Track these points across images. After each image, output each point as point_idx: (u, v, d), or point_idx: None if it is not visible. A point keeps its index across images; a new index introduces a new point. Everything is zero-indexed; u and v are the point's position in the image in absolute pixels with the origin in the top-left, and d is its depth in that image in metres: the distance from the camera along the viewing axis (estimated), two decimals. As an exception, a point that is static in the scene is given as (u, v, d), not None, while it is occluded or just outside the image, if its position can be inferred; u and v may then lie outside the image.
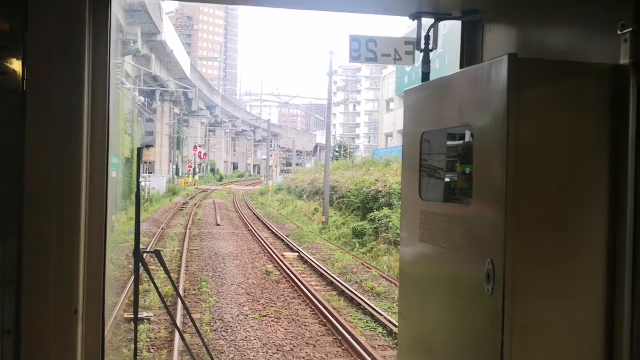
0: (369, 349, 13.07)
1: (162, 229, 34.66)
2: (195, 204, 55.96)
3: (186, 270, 22.26)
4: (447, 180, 4.73)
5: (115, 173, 25.33)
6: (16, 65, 4.00)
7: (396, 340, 13.38)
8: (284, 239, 32.37)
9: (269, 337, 14.61)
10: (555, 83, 3.63)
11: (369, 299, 18.12)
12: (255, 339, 14.41)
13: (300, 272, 22.75)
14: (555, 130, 3.60)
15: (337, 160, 70.76)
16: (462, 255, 3.97)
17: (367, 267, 23.95)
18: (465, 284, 3.92)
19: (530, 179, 3.50)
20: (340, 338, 14.35)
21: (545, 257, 3.56)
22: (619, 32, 3.51)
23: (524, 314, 3.48)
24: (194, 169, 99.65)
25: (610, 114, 3.57)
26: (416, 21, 5.32)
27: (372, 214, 30.45)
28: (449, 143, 4.79)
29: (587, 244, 3.61)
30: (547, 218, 3.58)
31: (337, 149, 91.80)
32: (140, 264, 5.07)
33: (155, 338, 14.26)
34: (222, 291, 19.35)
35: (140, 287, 15.37)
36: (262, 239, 31.54)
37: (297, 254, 27.04)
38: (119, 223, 25.33)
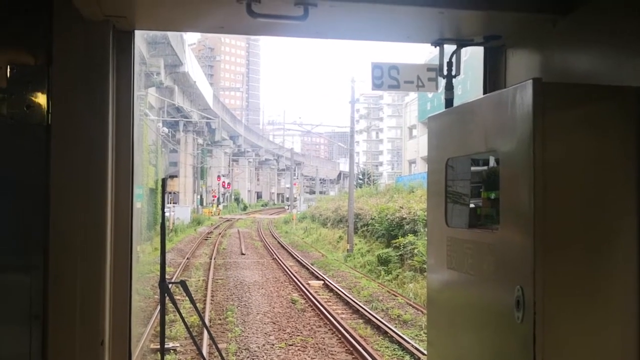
0: (397, 377, 12.94)
1: (187, 258, 34.68)
2: (220, 233, 56.00)
3: (211, 300, 22.22)
4: (472, 206, 4.69)
5: (140, 204, 25.40)
6: (41, 99, 4.04)
7: (424, 369, 13.22)
8: (308, 267, 32.24)
9: (295, 367, 14.53)
10: (581, 106, 3.60)
11: (396, 327, 17.96)
12: (281, 369, 14.35)
13: (326, 300, 22.63)
14: (582, 154, 3.56)
15: (360, 187, 70.63)
16: (491, 282, 3.92)
17: (393, 295, 23.75)
18: (495, 311, 3.86)
19: (557, 204, 3.46)
20: (367, 367, 14.23)
21: (576, 282, 3.51)
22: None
23: (556, 341, 3.42)
24: (218, 198, 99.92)
25: (637, 136, 3.53)
26: (438, 48, 5.32)
27: (397, 240, 30.22)
28: (473, 169, 4.76)
29: (618, 268, 3.56)
30: (576, 243, 3.53)
31: (360, 176, 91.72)
32: (166, 295, 5.06)
33: (182, 369, 14.24)
34: (247, 320, 19.28)
35: (166, 317, 15.37)
36: (287, 268, 31.44)
37: (322, 282, 26.90)
38: (144, 253, 25.32)
